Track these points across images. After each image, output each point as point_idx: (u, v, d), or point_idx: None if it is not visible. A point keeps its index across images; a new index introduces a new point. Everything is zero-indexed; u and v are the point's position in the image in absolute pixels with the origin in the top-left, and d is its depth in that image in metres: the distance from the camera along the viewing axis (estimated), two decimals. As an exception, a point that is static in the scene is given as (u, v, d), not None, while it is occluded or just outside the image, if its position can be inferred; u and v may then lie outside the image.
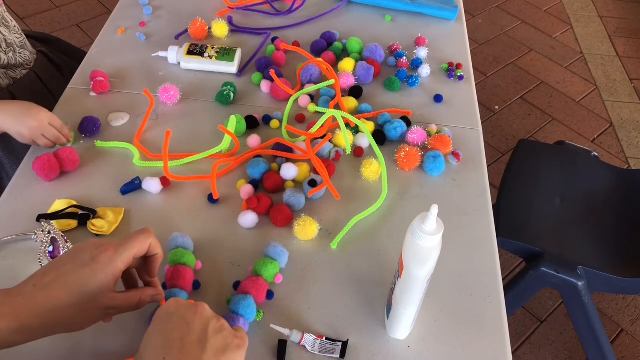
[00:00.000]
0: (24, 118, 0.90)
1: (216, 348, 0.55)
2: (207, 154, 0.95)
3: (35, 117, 0.90)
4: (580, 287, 1.23)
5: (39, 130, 0.91)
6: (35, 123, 0.90)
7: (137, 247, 0.62)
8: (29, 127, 0.90)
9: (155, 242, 0.64)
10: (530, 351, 1.60)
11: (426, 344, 0.74)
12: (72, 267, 0.58)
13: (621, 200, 1.43)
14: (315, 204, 0.90)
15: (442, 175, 0.96)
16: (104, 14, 2.67)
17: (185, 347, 0.54)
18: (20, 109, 0.91)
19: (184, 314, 0.57)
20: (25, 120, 0.90)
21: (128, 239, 0.62)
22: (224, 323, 0.59)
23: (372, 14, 1.32)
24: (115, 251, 0.60)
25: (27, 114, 0.90)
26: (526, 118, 2.34)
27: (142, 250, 0.63)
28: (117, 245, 0.60)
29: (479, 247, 0.85)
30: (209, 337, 0.55)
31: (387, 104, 1.09)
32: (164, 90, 1.04)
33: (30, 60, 1.15)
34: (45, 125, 0.91)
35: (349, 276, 0.81)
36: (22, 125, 0.90)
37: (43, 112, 0.92)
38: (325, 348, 0.71)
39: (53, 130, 0.92)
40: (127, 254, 0.60)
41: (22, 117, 0.90)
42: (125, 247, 0.60)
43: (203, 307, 0.59)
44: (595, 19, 2.95)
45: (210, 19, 1.22)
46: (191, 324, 0.56)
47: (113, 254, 0.59)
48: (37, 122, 0.90)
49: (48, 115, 0.92)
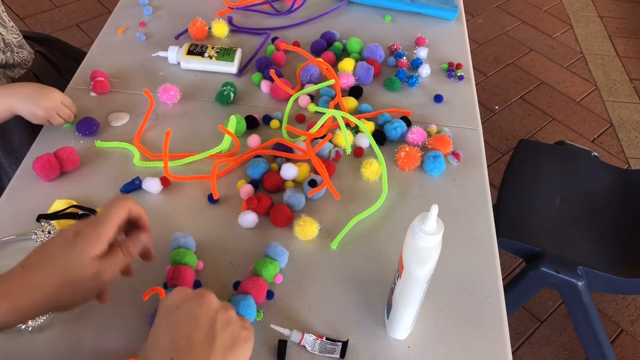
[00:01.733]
0: (38, 99, 0.91)
1: (225, 345, 0.54)
2: (207, 154, 0.95)
3: (50, 98, 0.92)
4: (580, 287, 1.23)
5: (54, 110, 0.93)
6: (50, 103, 0.92)
7: (116, 213, 0.61)
8: (44, 107, 0.92)
9: (134, 205, 0.64)
10: (530, 351, 1.60)
11: (426, 344, 0.74)
12: (56, 246, 0.58)
13: (621, 200, 1.43)
14: (315, 204, 0.90)
15: (442, 175, 0.96)
16: (104, 14, 2.67)
17: (193, 346, 0.53)
18: (33, 91, 0.93)
19: (190, 307, 0.56)
20: (39, 101, 0.91)
21: (105, 208, 0.62)
22: (231, 314, 0.57)
23: (372, 14, 1.32)
24: (94, 223, 0.60)
25: (40, 94, 0.92)
26: (526, 118, 2.34)
27: (121, 216, 0.62)
28: (96, 217, 0.61)
29: (479, 247, 0.85)
30: (217, 333, 0.54)
31: (387, 104, 1.09)
32: (164, 90, 1.04)
33: (28, 60, 1.15)
34: (59, 104, 0.93)
35: (349, 276, 0.81)
36: (37, 106, 0.91)
37: (55, 92, 0.94)
38: (325, 348, 0.71)
39: (66, 109, 0.94)
40: (108, 222, 0.60)
41: (36, 98, 0.92)
42: (105, 216, 0.61)
43: (210, 297, 0.57)
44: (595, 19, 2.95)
45: (210, 19, 1.22)
46: (198, 319, 0.55)
47: (93, 226, 0.59)
48: (51, 103, 0.92)
49: (60, 94, 0.94)
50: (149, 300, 0.73)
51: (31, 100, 0.92)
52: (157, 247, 0.82)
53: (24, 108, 0.92)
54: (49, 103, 0.92)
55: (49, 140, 0.97)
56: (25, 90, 0.93)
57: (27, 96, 0.92)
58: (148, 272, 0.79)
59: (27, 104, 0.92)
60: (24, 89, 0.93)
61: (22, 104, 0.92)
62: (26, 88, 0.94)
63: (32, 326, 0.72)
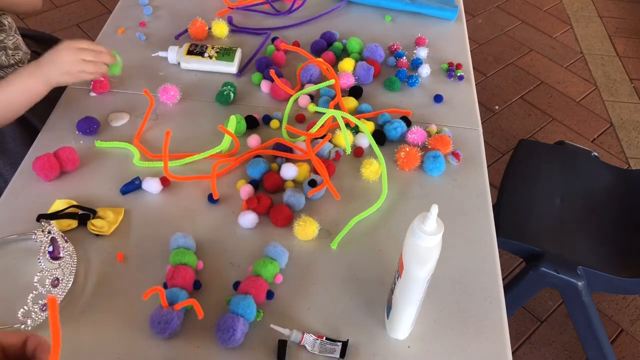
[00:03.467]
0: (56, 58, 0.91)
1: None
2: (207, 154, 0.95)
3: (66, 49, 0.92)
4: (580, 287, 1.23)
5: (77, 58, 0.92)
6: (68, 57, 0.92)
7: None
8: (67, 61, 0.92)
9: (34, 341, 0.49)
10: (530, 351, 1.60)
11: (426, 344, 0.74)
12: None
13: (621, 200, 1.43)
14: (315, 204, 0.90)
15: (442, 175, 0.96)
16: (104, 14, 2.66)
17: None
18: (47, 57, 0.93)
19: None
20: (62, 58, 0.91)
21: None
22: None
23: (372, 14, 1.32)
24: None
25: (58, 53, 0.92)
26: (526, 118, 2.34)
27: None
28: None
29: (479, 247, 0.85)
30: None
31: (387, 104, 1.09)
32: (164, 90, 1.04)
33: (24, 60, 1.15)
34: (75, 51, 0.92)
35: (349, 276, 0.80)
36: (62, 65, 0.91)
37: (66, 42, 0.93)
38: (325, 348, 0.71)
39: (89, 52, 0.93)
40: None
41: (54, 61, 0.92)
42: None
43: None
44: (595, 19, 2.95)
45: (210, 19, 1.22)
46: None
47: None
48: (69, 54, 0.92)
49: (73, 41, 0.94)
50: (149, 300, 0.73)
51: (57, 63, 0.92)
52: (157, 247, 0.82)
53: (56, 73, 0.92)
54: (66, 56, 0.92)
55: (49, 140, 0.97)
56: (49, 57, 0.93)
57: (53, 61, 0.92)
58: (148, 272, 0.79)
59: (56, 68, 0.92)
60: (48, 56, 0.93)
61: (51, 70, 0.92)
62: (49, 55, 0.93)
63: (31, 326, 0.72)
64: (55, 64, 0.92)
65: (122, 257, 0.81)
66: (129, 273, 0.79)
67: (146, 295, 0.72)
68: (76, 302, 0.75)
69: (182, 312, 0.72)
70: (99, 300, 0.76)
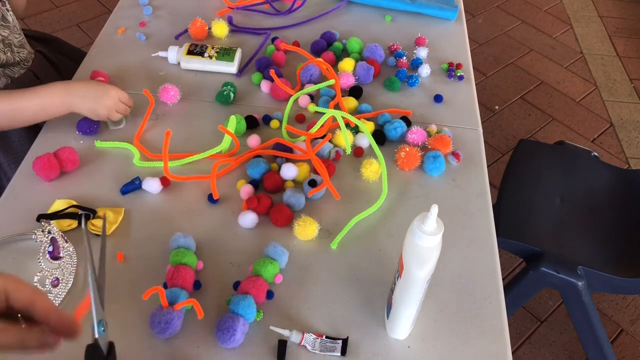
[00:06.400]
0: (101, 99, 0.95)
1: None
2: (207, 154, 0.95)
3: (110, 96, 0.96)
4: (580, 287, 1.23)
5: (114, 108, 0.96)
6: (110, 102, 0.96)
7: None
8: (106, 106, 0.95)
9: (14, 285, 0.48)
10: (530, 351, 1.60)
11: (426, 344, 0.74)
12: None
13: (621, 200, 1.43)
14: (315, 204, 0.90)
15: (442, 175, 0.96)
16: (104, 14, 2.66)
17: None
18: (94, 91, 0.96)
19: None
20: (102, 101, 0.95)
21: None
22: None
23: (372, 14, 1.32)
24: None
25: (103, 94, 0.95)
26: (526, 118, 2.34)
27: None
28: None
29: (479, 247, 0.85)
30: None
31: (387, 104, 1.09)
32: (164, 90, 1.04)
33: (28, 59, 1.15)
34: (117, 101, 0.97)
35: (349, 276, 0.80)
36: (100, 105, 0.95)
37: (114, 89, 0.97)
38: (326, 347, 0.71)
39: (123, 106, 0.98)
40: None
41: (99, 98, 0.95)
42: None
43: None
44: (595, 19, 2.95)
45: (210, 19, 1.22)
46: None
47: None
48: (112, 101, 0.96)
49: (118, 92, 0.98)
50: (149, 300, 0.73)
51: (94, 101, 0.95)
52: (157, 247, 0.82)
53: (84, 107, 0.95)
54: (109, 102, 0.95)
55: (49, 140, 0.97)
56: (85, 90, 0.95)
57: (87, 96, 0.95)
58: (148, 272, 0.79)
59: (89, 103, 0.95)
60: (83, 89, 0.96)
61: (82, 103, 0.94)
62: (85, 88, 0.96)
63: (32, 326, 0.71)
64: (92, 98, 0.95)
65: (122, 257, 0.81)
66: (129, 273, 0.79)
67: (146, 295, 0.72)
68: (76, 302, 0.75)
69: (182, 312, 0.72)
70: (99, 300, 0.76)
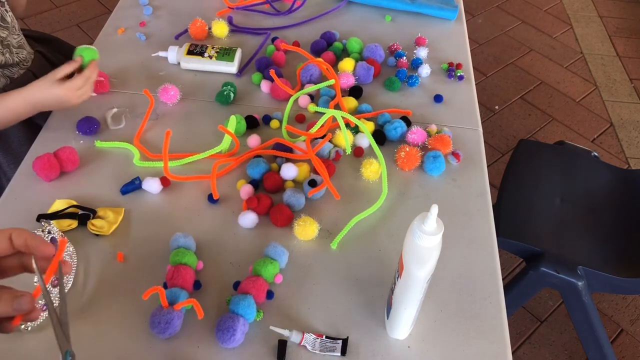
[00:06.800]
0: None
1: None
2: (207, 154, 0.95)
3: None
4: (580, 287, 1.23)
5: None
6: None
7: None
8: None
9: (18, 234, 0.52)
10: (530, 351, 1.60)
11: (426, 344, 0.74)
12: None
13: (621, 200, 1.43)
14: (315, 204, 0.90)
15: (442, 175, 0.96)
16: (104, 14, 2.66)
17: None
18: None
19: None
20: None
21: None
22: None
23: (372, 14, 1.32)
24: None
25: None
26: (526, 118, 2.34)
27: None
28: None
29: (479, 247, 0.85)
30: None
31: (387, 104, 1.09)
32: (164, 90, 1.04)
33: (28, 59, 1.15)
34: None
35: (349, 276, 0.80)
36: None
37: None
38: (326, 346, 0.71)
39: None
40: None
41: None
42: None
43: None
44: (595, 19, 2.95)
45: (210, 19, 1.22)
46: None
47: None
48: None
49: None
50: (149, 300, 0.73)
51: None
52: (157, 247, 0.82)
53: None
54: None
55: (49, 140, 0.97)
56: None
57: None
58: (148, 272, 0.79)
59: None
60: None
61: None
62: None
63: (31, 326, 0.72)
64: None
65: (122, 257, 0.81)
66: (128, 273, 0.79)
67: (146, 295, 0.72)
68: (76, 302, 0.75)
69: (182, 312, 0.72)
70: (99, 300, 0.76)
